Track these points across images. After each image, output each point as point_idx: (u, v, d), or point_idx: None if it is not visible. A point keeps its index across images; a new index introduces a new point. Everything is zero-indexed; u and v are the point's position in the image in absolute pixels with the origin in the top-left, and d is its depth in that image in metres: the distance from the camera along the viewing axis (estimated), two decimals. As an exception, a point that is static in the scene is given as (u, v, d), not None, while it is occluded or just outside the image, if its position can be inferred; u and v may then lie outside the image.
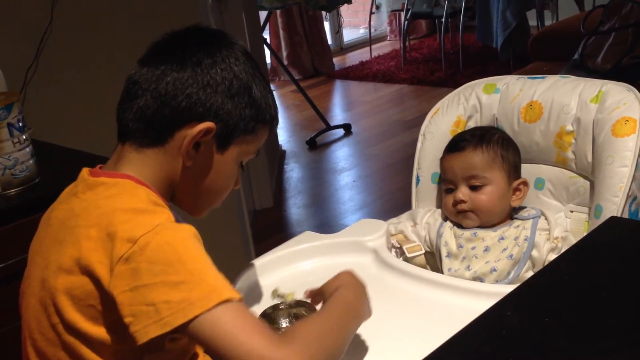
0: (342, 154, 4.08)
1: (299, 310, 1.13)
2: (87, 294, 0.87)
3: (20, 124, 1.51)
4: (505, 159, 1.37)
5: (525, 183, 1.39)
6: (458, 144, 1.40)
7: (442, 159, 1.44)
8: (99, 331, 0.88)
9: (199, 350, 1.06)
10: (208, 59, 0.95)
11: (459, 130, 1.48)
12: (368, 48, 6.13)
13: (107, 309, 0.86)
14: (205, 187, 1.00)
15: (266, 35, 4.98)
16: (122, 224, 0.86)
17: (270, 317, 1.12)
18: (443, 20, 5.22)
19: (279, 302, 1.15)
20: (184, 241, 0.86)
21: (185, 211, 1.04)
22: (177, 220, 0.91)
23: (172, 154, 0.95)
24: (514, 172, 1.38)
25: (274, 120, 1.03)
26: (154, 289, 0.82)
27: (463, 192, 1.36)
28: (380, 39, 6.65)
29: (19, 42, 1.93)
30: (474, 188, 1.36)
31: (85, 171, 0.98)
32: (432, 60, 5.54)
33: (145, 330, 0.82)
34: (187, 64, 0.94)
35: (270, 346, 0.81)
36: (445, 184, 1.41)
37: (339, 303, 0.98)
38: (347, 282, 1.03)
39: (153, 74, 0.95)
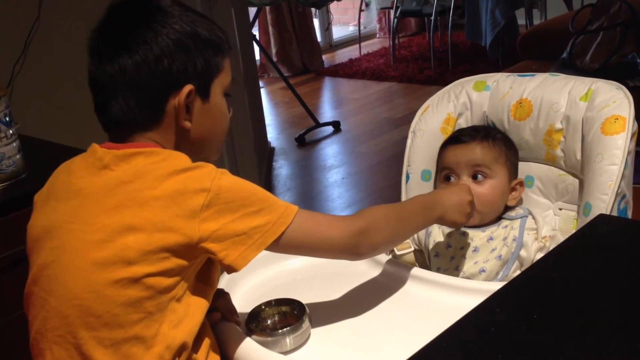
0: (331, 151, 4.07)
1: (287, 308, 1.13)
2: (162, 247, 0.93)
3: (7, 119, 1.49)
4: (508, 157, 1.38)
5: (521, 183, 1.39)
6: (462, 137, 1.39)
7: (441, 152, 1.43)
8: (167, 281, 0.95)
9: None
10: (149, 33, 0.99)
11: (450, 128, 1.48)
12: (357, 45, 6.13)
13: (184, 256, 0.94)
14: (211, 134, 1.07)
15: (255, 31, 4.96)
16: (186, 181, 0.95)
17: (259, 315, 1.12)
18: (432, 18, 5.23)
19: (268, 300, 1.14)
20: (241, 180, 0.98)
21: (203, 160, 1.08)
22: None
23: (171, 124, 1.02)
24: (513, 171, 1.39)
25: (229, 43, 1.08)
26: (240, 222, 0.95)
27: (465, 182, 1.34)
28: (370, 36, 6.65)
29: (6, 37, 1.91)
30: (476, 179, 1.35)
31: (96, 146, 1.02)
32: (421, 58, 5.55)
33: (243, 255, 0.96)
34: (134, 47, 0.98)
35: (346, 226, 1.03)
36: (445, 172, 1.39)
37: (416, 200, 1.20)
38: (437, 191, 1.28)
39: (112, 70, 0.99)
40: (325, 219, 1.04)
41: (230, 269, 0.97)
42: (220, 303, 1.13)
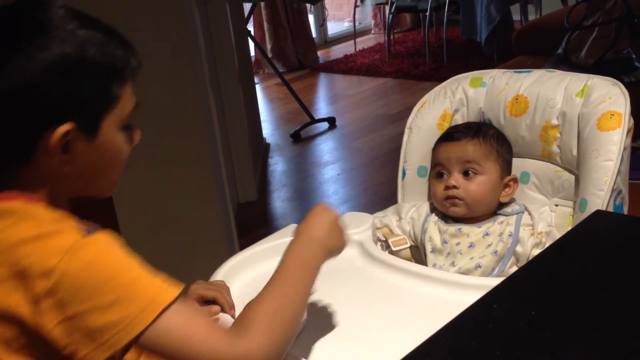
0: (326, 148, 4.07)
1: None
2: (16, 336, 0.81)
3: None
4: (500, 153, 1.38)
5: (515, 180, 1.39)
6: (454, 134, 1.40)
7: (434, 148, 1.44)
8: None
9: None
10: (22, 58, 0.80)
11: (446, 124, 1.48)
12: (352, 41, 6.12)
13: (41, 347, 0.81)
14: (98, 172, 0.89)
15: (250, 27, 4.95)
16: (30, 257, 0.79)
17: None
18: (427, 14, 5.23)
19: None
20: (104, 256, 0.80)
21: (94, 197, 0.95)
22: (88, 232, 0.82)
23: (44, 166, 0.84)
24: (506, 167, 1.39)
25: (133, 66, 0.88)
26: (89, 315, 0.78)
27: (456, 178, 1.36)
28: (365, 32, 6.64)
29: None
30: (467, 175, 1.36)
31: None
32: (416, 54, 5.55)
33: (91, 356, 0.79)
34: (4, 72, 0.80)
35: (228, 343, 0.82)
36: (437, 168, 1.40)
37: (289, 263, 0.95)
38: (301, 230, 1.00)
39: None
40: (202, 326, 0.83)
41: None
42: (219, 296, 1.13)
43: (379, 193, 3.27)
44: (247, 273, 1.26)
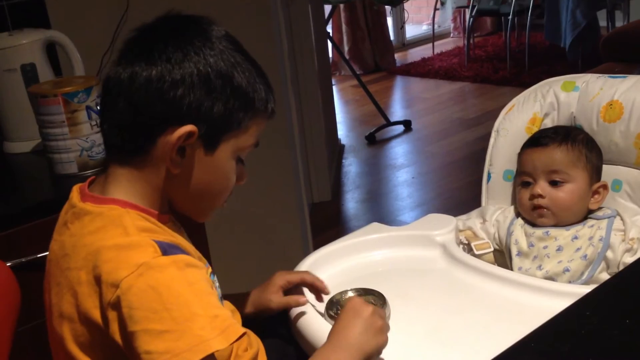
0: (401, 150, 4.06)
1: (367, 298, 1.13)
2: (91, 340, 0.85)
3: (98, 107, 1.55)
4: (589, 160, 1.34)
5: (605, 186, 1.35)
6: (541, 139, 1.37)
7: (520, 153, 1.41)
8: None
9: None
10: (178, 53, 0.87)
11: (535, 128, 1.45)
12: (430, 44, 6.08)
13: (115, 352, 0.83)
14: (201, 191, 0.93)
15: (329, 29, 4.99)
16: (105, 265, 0.82)
17: (339, 303, 1.13)
18: (510, 17, 5.13)
19: (348, 289, 1.15)
20: (170, 283, 0.81)
21: (188, 216, 0.98)
22: (165, 252, 0.84)
23: (158, 162, 0.89)
24: (595, 174, 1.35)
25: (268, 107, 0.93)
26: (138, 337, 0.79)
27: (542, 187, 1.34)
28: (444, 35, 6.58)
29: (97, 28, 1.98)
30: (553, 184, 1.33)
31: (75, 192, 0.94)
32: (496, 59, 5.46)
33: None
34: (156, 62, 0.87)
35: None
36: (523, 177, 1.38)
37: None
38: (333, 332, 0.96)
39: (124, 76, 0.88)
40: None
41: None
42: (305, 276, 1.15)
43: (454, 198, 3.24)
44: (330, 267, 1.28)
